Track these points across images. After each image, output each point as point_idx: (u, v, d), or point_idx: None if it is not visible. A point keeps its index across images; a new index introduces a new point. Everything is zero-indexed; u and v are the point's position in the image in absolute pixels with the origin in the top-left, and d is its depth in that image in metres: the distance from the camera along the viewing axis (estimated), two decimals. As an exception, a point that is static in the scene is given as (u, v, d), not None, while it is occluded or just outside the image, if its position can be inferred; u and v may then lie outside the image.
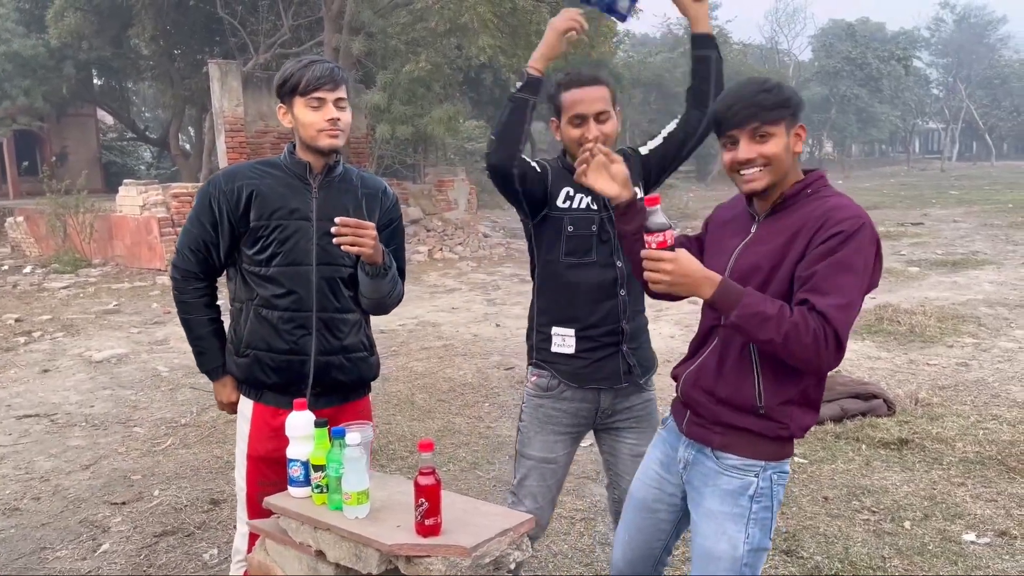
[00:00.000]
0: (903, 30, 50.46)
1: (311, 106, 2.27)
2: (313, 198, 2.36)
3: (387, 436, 4.92)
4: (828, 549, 3.35)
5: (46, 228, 14.11)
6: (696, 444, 2.04)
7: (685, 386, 2.05)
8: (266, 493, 2.38)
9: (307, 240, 2.33)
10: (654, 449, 2.21)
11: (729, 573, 1.94)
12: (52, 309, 9.86)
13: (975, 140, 58.80)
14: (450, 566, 1.74)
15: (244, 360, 2.40)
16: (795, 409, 1.91)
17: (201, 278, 2.44)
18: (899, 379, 5.78)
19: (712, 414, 1.97)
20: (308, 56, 2.37)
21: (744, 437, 1.94)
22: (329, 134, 2.29)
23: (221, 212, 2.34)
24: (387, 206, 2.51)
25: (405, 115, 14.21)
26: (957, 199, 22.87)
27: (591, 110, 2.37)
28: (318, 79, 2.26)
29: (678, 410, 2.13)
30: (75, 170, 18.81)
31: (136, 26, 18.65)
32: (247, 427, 2.44)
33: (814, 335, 1.74)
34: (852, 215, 1.83)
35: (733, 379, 1.94)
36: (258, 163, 2.44)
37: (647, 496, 2.17)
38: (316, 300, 2.35)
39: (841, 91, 42.65)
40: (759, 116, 1.87)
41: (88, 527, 3.83)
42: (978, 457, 4.25)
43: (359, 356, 2.47)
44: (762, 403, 1.90)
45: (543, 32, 2.51)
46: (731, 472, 1.95)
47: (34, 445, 5.03)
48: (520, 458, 2.56)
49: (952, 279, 9.95)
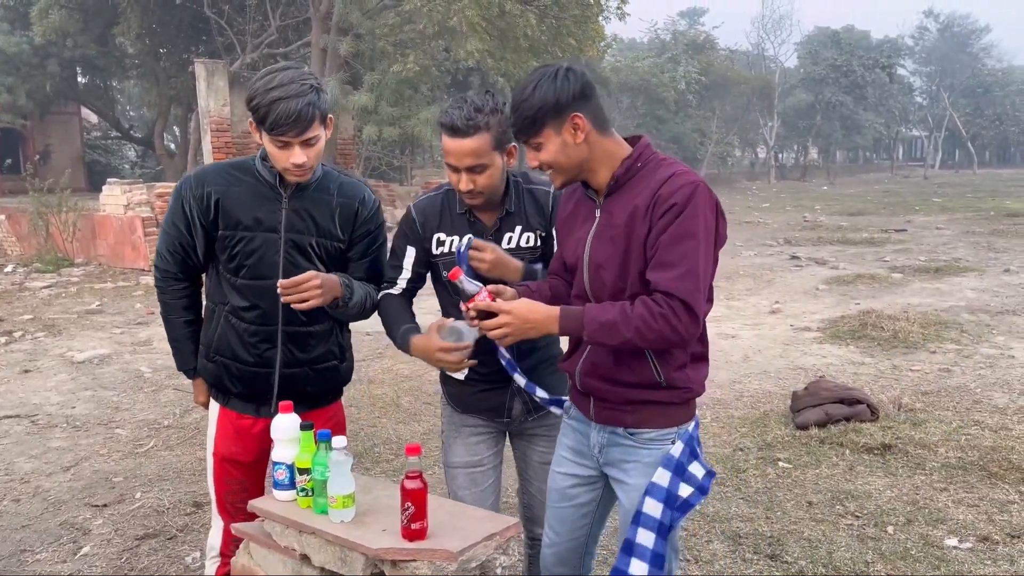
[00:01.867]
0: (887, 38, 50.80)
1: (276, 145, 2.14)
2: (283, 209, 2.27)
3: (372, 439, 4.90)
4: (812, 554, 3.36)
5: (28, 227, 13.97)
6: (608, 427, 2.08)
7: (583, 378, 2.07)
8: (232, 492, 2.40)
9: (274, 253, 2.26)
10: (564, 438, 2.24)
11: None
12: (34, 309, 9.76)
13: (958, 148, 59.38)
14: (436, 570, 1.73)
15: (212, 365, 2.37)
16: (690, 371, 2.00)
17: (181, 278, 2.39)
18: (882, 384, 5.82)
19: (618, 396, 2.02)
20: (280, 73, 2.12)
21: (654, 409, 2.01)
22: (294, 174, 2.20)
23: (192, 215, 2.28)
24: (364, 216, 2.40)
25: (392, 116, 14.20)
26: (940, 206, 23.08)
27: (461, 164, 2.19)
28: (281, 126, 2.08)
29: (579, 399, 2.15)
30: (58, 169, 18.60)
31: (121, 24, 18.53)
32: (213, 429, 2.43)
33: (663, 318, 1.82)
34: (683, 183, 1.87)
35: (629, 362, 1.98)
36: (231, 165, 2.34)
37: (564, 485, 2.20)
38: (283, 314, 2.28)
39: (826, 98, 42.98)
40: (519, 135, 1.99)
41: (69, 529, 3.79)
42: (960, 462, 4.28)
43: (328, 366, 2.42)
44: (662, 378, 1.97)
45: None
46: (649, 445, 2.03)
47: (14, 446, 4.97)
48: (447, 470, 2.52)
49: (935, 285, 10.04)
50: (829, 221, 19.27)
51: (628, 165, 1.97)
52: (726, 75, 38.70)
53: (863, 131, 46.28)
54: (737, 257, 13.38)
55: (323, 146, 2.23)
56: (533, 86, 1.92)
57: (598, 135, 1.96)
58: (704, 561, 3.33)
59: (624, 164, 1.97)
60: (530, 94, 1.91)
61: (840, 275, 11.04)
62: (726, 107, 40.61)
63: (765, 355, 6.88)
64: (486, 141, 2.18)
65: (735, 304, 9.30)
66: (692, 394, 2.03)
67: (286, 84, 2.08)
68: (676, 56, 37.11)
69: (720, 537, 3.54)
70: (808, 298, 9.55)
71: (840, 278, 10.78)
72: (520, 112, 1.94)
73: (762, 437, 4.77)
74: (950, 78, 53.99)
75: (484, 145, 2.17)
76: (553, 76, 1.92)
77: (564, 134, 1.92)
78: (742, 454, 4.53)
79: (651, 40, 43.87)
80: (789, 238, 15.91)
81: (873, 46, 46.30)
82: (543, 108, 1.91)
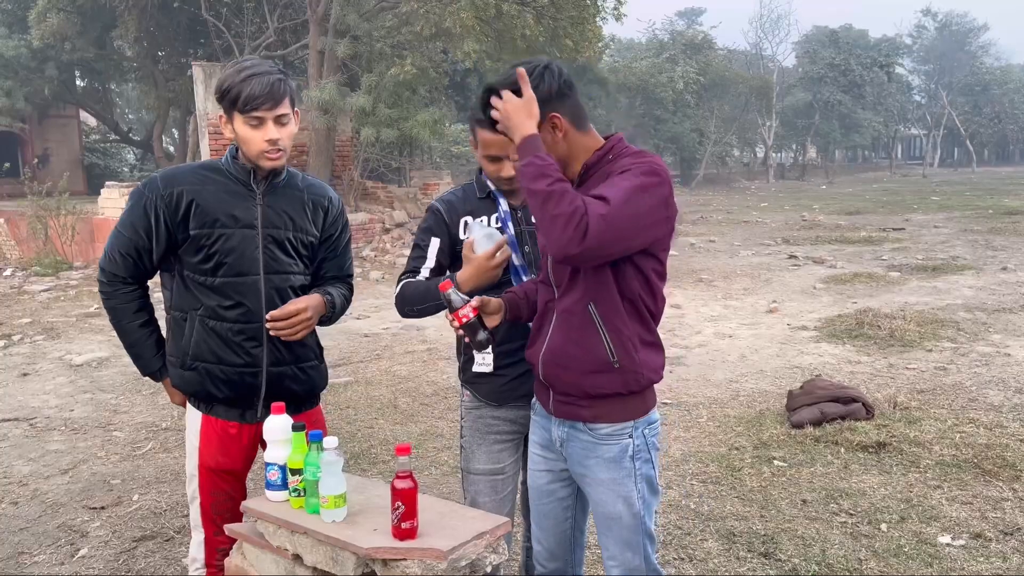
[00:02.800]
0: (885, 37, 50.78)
1: (250, 124, 2.17)
2: (258, 205, 2.28)
3: (369, 440, 4.91)
4: (806, 551, 3.38)
5: (27, 230, 13.98)
6: (567, 421, 2.11)
7: (544, 368, 2.09)
8: (219, 503, 2.35)
9: (253, 249, 2.27)
10: (532, 435, 2.27)
11: (633, 528, 2.08)
12: (32, 312, 9.77)
13: (957, 146, 59.41)
14: (426, 569, 1.75)
15: (191, 373, 2.30)
16: (642, 352, 2.02)
17: (130, 282, 2.32)
18: (878, 383, 5.84)
19: (576, 388, 2.04)
20: (246, 61, 2.23)
21: (611, 403, 2.04)
22: (269, 156, 2.21)
23: (157, 218, 2.23)
24: (333, 215, 2.43)
25: (390, 118, 14.19)
26: (938, 205, 23.10)
27: (504, 152, 2.29)
28: (256, 98, 2.13)
29: (541, 392, 2.19)
30: (57, 172, 18.62)
31: (120, 27, 18.56)
32: (196, 440, 2.36)
33: (574, 209, 1.75)
34: (645, 160, 1.93)
35: (584, 343, 2.01)
36: (199, 166, 2.34)
37: (540, 481, 2.24)
38: (266, 310, 2.28)
39: (824, 97, 43.01)
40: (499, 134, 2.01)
41: (67, 532, 3.81)
42: (954, 460, 4.30)
43: (310, 365, 2.43)
44: (615, 357, 1.99)
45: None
46: (607, 440, 2.06)
47: (12, 449, 4.98)
48: (467, 476, 2.52)
49: (932, 284, 10.06)
50: (827, 220, 19.28)
51: (599, 156, 2.01)
52: (724, 75, 38.72)
53: (862, 130, 46.29)
54: (735, 257, 13.40)
55: (294, 131, 2.27)
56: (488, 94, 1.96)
57: (576, 132, 1.99)
58: (698, 559, 3.35)
59: (596, 154, 2.01)
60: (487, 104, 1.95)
61: (838, 274, 11.06)
62: (724, 107, 40.62)
63: (762, 354, 6.90)
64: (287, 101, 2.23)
65: (732, 304, 9.32)
66: (646, 380, 2.04)
67: (256, 65, 2.20)
68: (674, 56, 37.13)
69: (714, 535, 3.55)
70: (806, 297, 9.57)
71: (838, 277, 10.80)
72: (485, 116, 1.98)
73: (758, 436, 4.79)
74: (948, 76, 54.08)
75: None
76: (530, 72, 1.93)
77: (543, 133, 1.93)
78: (737, 453, 4.54)
79: (649, 40, 43.88)
80: (787, 237, 15.93)
81: (871, 45, 46.29)
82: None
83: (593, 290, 1.99)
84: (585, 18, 16.20)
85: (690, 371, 6.36)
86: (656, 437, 2.12)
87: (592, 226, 1.76)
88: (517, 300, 2.18)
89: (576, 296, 2.01)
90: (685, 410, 5.37)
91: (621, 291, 1.98)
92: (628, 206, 1.82)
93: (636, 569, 2.09)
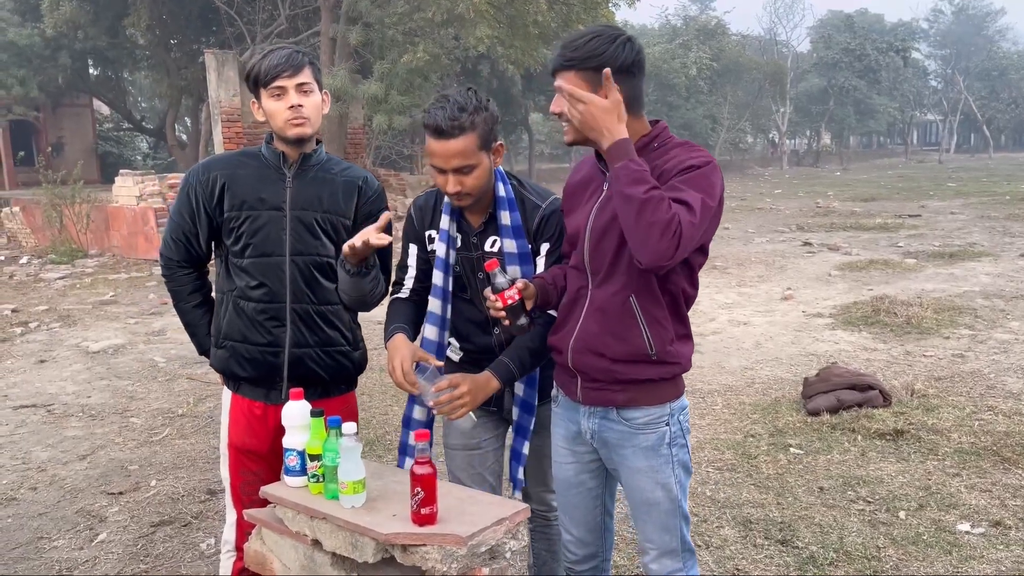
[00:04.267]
0: (901, 21, 50.35)
1: (274, 96, 2.24)
2: (287, 187, 2.32)
3: (384, 426, 4.92)
4: (823, 539, 3.36)
5: (42, 218, 14.07)
6: (598, 410, 2.08)
7: (574, 355, 2.05)
8: (248, 483, 2.39)
9: (279, 230, 2.30)
10: (555, 428, 2.23)
11: (670, 512, 2.07)
12: (49, 299, 9.84)
13: (973, 132, 58.84)
14: (446, 555, 1.74)
15: (222, 352, 2.39)
16: (678, 345, 2.01)
17: (184, 266, 2.44)
18: (895, 370, 5.79)
19: (609, 374, 2.01)
20: (273, 47, 2.34)
21: (645, 388, 2.01)
22: (293, 123, 2.24)
23: (198, 202, 2.34)
24: (368, 196, 2.42)
25: (402, 105, 14.17)
26: (955, 191, 22.88)
27: (448, 165, 2.14)
28: (275, 67, 2.22)
29: (565, 381, 2.14)
30: (71, 160, 18.73)
31: (132, 16, 18.59)
32: (227, 418, 2.44)
33: (670, 218, 1.75)
34: (701, 154, 1.91)
35: (621, 334, 1.98)
36: (238, 153, 2.42)
37: (568, 474, 2.21)
38: (290, 292, 2.31)
39: (839, 82, 42.63)
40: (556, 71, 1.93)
41: (85, 517, 3.84)
42: (973, 448, 4.26)
43: (338, 350, 2.41)
44: (654, 350, 1.97)
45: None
46: (644, 430, 2.04)
47: (31, 435, 5.03)
48: (446, 451, 2.53)
49: (949, 271, 9.96)
50: (842, 207, 19.14)
51: (644, 143, 1.96)
52: (738, 61, 38.45)
53: (877, 116, 45.91)
54: (749, 244, 13.32)
55: (319, 103, 2.31)
56: (592, 36, 1.89)
57: (629, 115, 1.92)
58: (715, 547, 3.34)
59: (641, 140, 1.97)
60: (586, 41, 1.88)
61: (853, 261, 10.98)
62: (738, 93, 40.37)
63: (777, 342, 6.86)
64: (472, 141, 2.12)
65: (747, 291, 9.27)
66: (680, 369, 2.03)
67: (277, 46, 2.31)
68: (687, 42, 36.88)
69: (731, 523, 3.54)
70: (820, 284, 9.50)
71: (853, 264, 10.72)
72: (568, 49, 1.90)
73: (773, 423, 4.76)
74: (965, 61, 53.49)
75: (470, 145, 2.12)
76: (613, 38, 1.89)
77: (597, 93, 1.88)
78: (753, 440, 4.52)
79: (662, 26, 43.62)
80: (801, 224, 15.82)
81: (887, 30, 45.91)
82: (589, 58, 1.88)
83: (636, 282, 1.96)
84: (598, 3, 16.10)
85: (705, 358, 6.33)
86: (688, 421, 2.12)
87: (684, 235, 1.77)
88: (547, 287, 2.13)
89: (616, 287, 1.98)
90: (700, 397, 5.35)
91: (664, 285, 1.97)
92: (706, 211, 1.83)
93: (673, 551, 2.09)
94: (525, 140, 34.37)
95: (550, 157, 44.65)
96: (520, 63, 15.86)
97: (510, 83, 25.24)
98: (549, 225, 2.28)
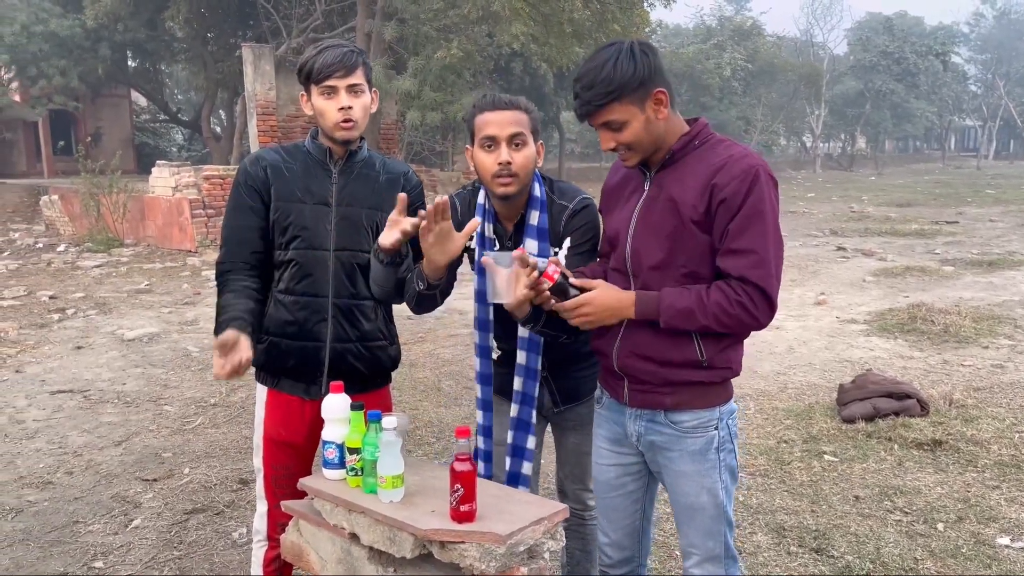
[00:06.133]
0: (942, 25, 49.43)
1: (324, 95, 2.23)
2: (333, 183, 2.33)
3: (414, 422, 4.93)
4: (859, 549, 3.30)
5: (80, 207, 14.31)
6: (645, 412, 2.04)
7: (620, 358, 2.01)
8: (280, 477, 2.39)
9: (326, 224, 2.30)
10: (599, 429, 2.20)
11: (715, 517, 2.05)
12: (85, 287, 10.00)
13: (1013, 138, 57.71)
14: (484, 553, 1.73)
15: (262, 346, 2.35)
16: (730, 352, 1.98)
17: (245, 268, 2.31)
18: (932, 379, 5.69)
19: (658, 377, 1.98)
20: (327, 40, 2.32)
21: (694, 390, 1.98)
22: (343, 126, 2.24)
23: (259, 193, 2.32)
24: (407, 191, 2.40)
25: (435, 102, 14.21)
26: (994, 198, 22.44)
27: (503, 133, 2.17)
28: (329, 66, 2.20)
29: (611, 383, 2.11)
30: (109, 150, 19.04)
31: (171, 8, 18.83)
32: (262, 411, 2.44)
33: (740, 306, 1.81)
34: (744, 167, 1.84)
35: (671, 341, 1.94)
36: (282, 147, 2.42)
37: (609, 476, 2.18)
38: (332, 286, 2.31)
39: (876, 86, 42.00)
40: (594, 115, 1.87)
41: (120, 502, 3.89)
42: (1013, 460, 4.17)
43: (377, 345, 2.41)
44: (705, 358, 1.94)
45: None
46: (692, 434, 2.00)
47: (67, 420, 5.11)
48: None
49: (988, 279, 9.77)
50: (877, 212, 18.87)
51: (685, 141, 1.93)
52: (773, 62, 38.03)
53: (914, 120, 45.20)
54: (782, 247, 13.17)
55: (368, 104, 2.30)
56: (613, 62, 1.82)
57: (670, 111, 1.91)
58: (748, 552, 3.30)
59: (681, 139, 1.93)
60: (612, 69, 1.82)
61: (888, 267, 10.81)
62: (772, 94, 39.92)
63: (810, 347, 6.77)
64: (526, 119, 2.21)
65: (780, 295, 9.14)
66: (731, 374, 2.00)
67: (331, 41, 2.30)
68: (722, 42, 36.55)
69: (764, 529, 3.50)
70: (855, 290, 9.37)
71: (888, 270, 10.55)
72: (599, 87, 1.83)
73: (807, 430, 4.70)
74: (1006, 66, 52.43)
75: (525, 120, 2.20)
76: (630, 52, 1.83)
77: (648, 110, 1.87)
78: (786, 446, 4.46)
79: (696, 26, 43.25)
80: (835, 229, 15.62)
81: (927, 33, 45.11)
82: (629, 83, 1.82)
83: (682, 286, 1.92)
84: (633, 3, 16.03)
85: (737, 362, 6.25)
86: (736, 426, 2.09)
87: (765, 286, 1.84)
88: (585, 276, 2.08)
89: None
90: (732, 401, 5.29)
91: None
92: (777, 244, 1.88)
93: (716, 557, 2.07)
94: (556, 138, 34.32)
95: (581, 156, 44.54)
96: (553, 61, 15.83)
97: (542, 81, 25.19)
98: (573, 222, 2.29)
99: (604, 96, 1.84)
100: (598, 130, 1.93)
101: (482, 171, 2.23)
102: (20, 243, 14.52)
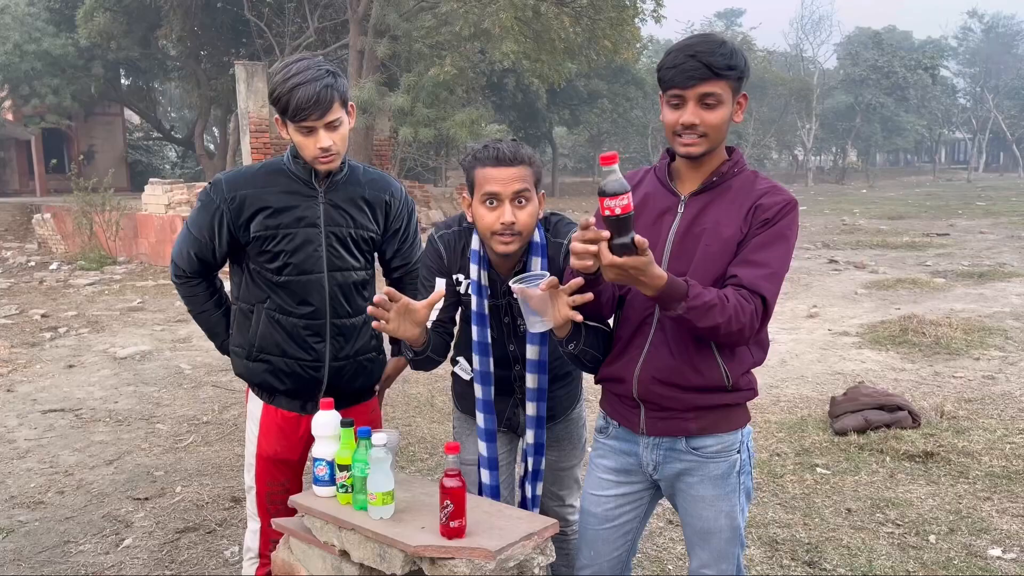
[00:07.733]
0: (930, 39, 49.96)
1: (302, 133, 2.18)
2: (320, 204, 2.30)
3: (407, 438, 4.92)
4: (851, 562, 3.31)
5: (73, 225, 14.29)
6: (664, 440, 2.00)
7: (642, 385, 1.96)
8: (274, 493, 2.40)
9: (317, 247, 2.30)
10: (602, 460, 2.12)
11: (730, 540, 2.04)
12: (77, 305, 9.98)
13: (1002, 151, 58.10)
14: (475, 569, 1.74)
15: (256, 364, 2.36)
16: (750, 375, 2.01)
17: (196, 277, 2.42)
18: (924, 391, 5.71)
19: (682, 402, 1.95)
20: (294, 65, 2.17)
21: (719, 413, 1.98)
22: (322, 161, 2.22)
23: (221, 221, 2.28)
24: (396, 209, 2.44)
25: (428, 118, 14.27)
26: (984, 210, 22.57)
27: (507, 191, 2.09)
28: (303, 110, 2.12)
29: (623, 412, 2.04)
30: (102, 168, 19.03)
31: (164, 27, 18.93)
32: (256, 428, 2.43)
33: (750, 313, 1.83)
34: (785, 197, 1.92)
35: (696, 366, 1.92)
36: (262, 168, 2.37)
37: (603, 509, 2.11)
38: (329, 307, 2.33)
39: (866, 99, 42.32)
40: (704, 83, 1.81)
41: (111, 522, 3.87)
42: (1005, 471, 4.18)
43: (368, 358, 2.45)
44: (730, 381, 1.94)
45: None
46: (716, 458, 1.99)
47: (59, 439, 5.08)
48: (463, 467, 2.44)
49: (978, 291, 9.82)
50: (868, 225, 18.96)
51: (727, 167, 1.93)
52: (763, 76, 38.28)
53: (904, 133, 45.53)
54: (774, 260, 13.21)
55: (347, 131, 2.26)
56: (731, 45, 1.86)
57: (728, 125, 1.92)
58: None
59: (725, 165, 1.94)
60: (732, 49, 1.84)
61: (880, 279, 10.86)
62: (763, 109, 40.18)
63: (802, 359, 6.79)
64: (530, 173, 2.13)
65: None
66: (753, 395, 2.02)
67: (303, 71, 2.14)
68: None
69: (756, 543, 3.50)
70: (847, 302, 9.41)
71: (880, 282, 10.60)
72: (721, 58, 1.81)
73: (799, 442, 4.71)
74: (995, 79, 52.85)
75: (528, 175, 2.13)
76: (738, 49, 1.88)
77: (733, 105, 1.88)
78: (779, 459, 4.47)
79: (687, 41, 43.51)
80: (827, 241, 15.68)
81: (916, 47, 45.59)
82: (742, 69, 1.85)
83: None
84: (624, 19, 16.13)
85: (729, 375, 6.27)
86: (752, 445, 2.09)
87: (770, 301, 1.85)
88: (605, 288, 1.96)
89: None
90: (725, 414, 5.30)
91: None
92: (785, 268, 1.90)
93: None
94: (549, 154, 34.45)
95: (573, 171, 44.69)
96: (545, 78, 15.92)
97: (535, 97, 25.34)
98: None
99: (723, 68, 1.81)
100: (687, 103, 1.83)
101: (482, 227, 2.15)
102: (12, 261, 14.49)
